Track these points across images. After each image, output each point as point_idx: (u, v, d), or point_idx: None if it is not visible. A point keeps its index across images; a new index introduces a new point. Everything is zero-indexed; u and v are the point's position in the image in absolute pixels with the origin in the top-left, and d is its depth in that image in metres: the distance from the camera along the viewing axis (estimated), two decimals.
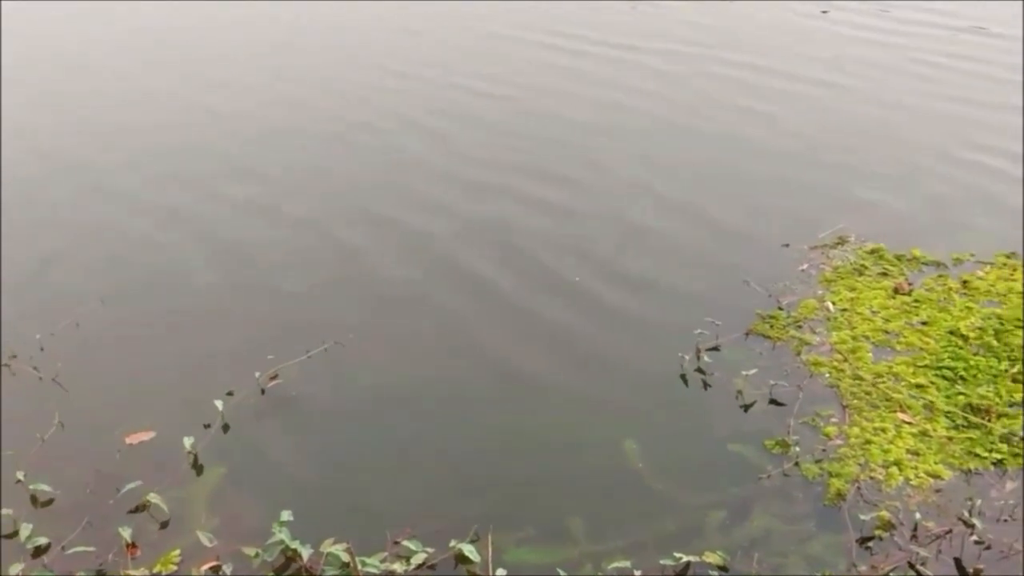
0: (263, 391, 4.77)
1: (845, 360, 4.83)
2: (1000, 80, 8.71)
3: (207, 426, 4.52)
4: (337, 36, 11.14)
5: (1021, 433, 4.25)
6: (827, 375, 4.74)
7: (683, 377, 4.81)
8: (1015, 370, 4.65)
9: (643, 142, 7.72)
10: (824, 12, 11.16)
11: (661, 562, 3.66)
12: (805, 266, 5.72)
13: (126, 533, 3.82)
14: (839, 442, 4.29)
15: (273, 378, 4.83)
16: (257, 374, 4.78)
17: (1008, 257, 5.66)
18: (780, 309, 5.29)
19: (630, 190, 6.86)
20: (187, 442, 4.32)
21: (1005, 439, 4.23)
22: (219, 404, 4.55)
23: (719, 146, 7.60)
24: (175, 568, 3.75)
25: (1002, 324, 5.00)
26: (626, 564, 3.62)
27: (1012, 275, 5.46)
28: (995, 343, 4.86)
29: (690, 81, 9.03)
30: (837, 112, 8.20)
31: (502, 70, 9.57)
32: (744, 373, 4.66)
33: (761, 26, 10.82)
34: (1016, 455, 4.14)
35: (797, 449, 4.23)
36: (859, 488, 4.02)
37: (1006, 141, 7.37)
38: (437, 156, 7.56)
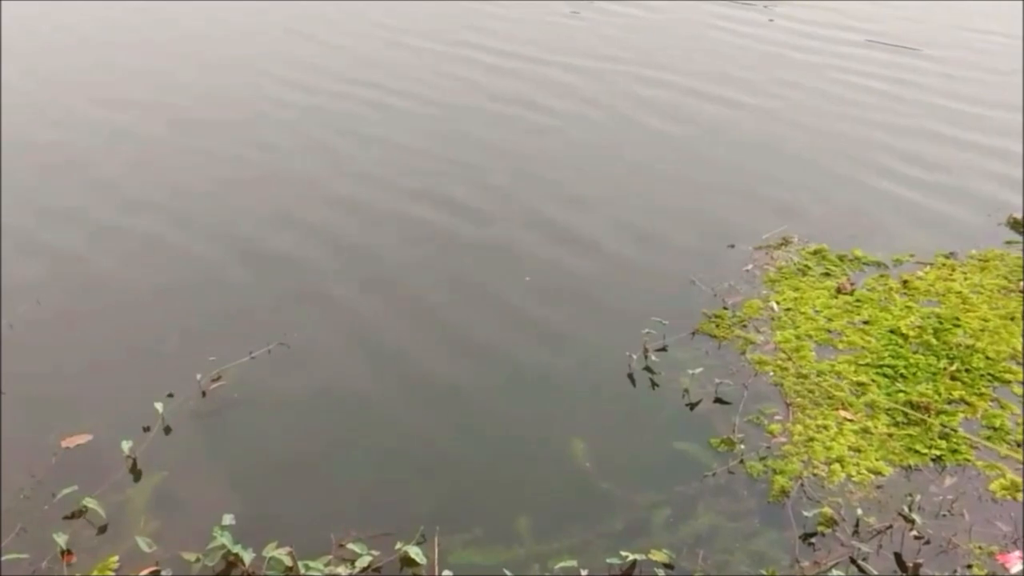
0: (204, 393, 4.68)
1: (789, 359, 4.88)
2: (926, 92, 8.92)
3: (146, 429, 4.42)
4: (228, 42, 10.70)
5: (959, 429, 4.33)
6: (771, 374, 4.79)
7: (631, 376, 4.82)
8: (953, 368, 4.74)
9: (576, 151, 7.65)
10: (770, 20, 11.32)
11: (608, 561, 3.65)
12: (750, 266, 5.78)
13: (61, 539, 3.70)
14: (783, 440, 4.34)
15: (216, 380, 4.74)
16: (198, 376, 4.68)
17: (947, 257, 5.78)
18: (726, 309, 5.34)
19: (570, 196, 6.82)
20: (125, 445, 4.21)
21: (944, 436, 4.31)
22: (159, 406, 4.45)
23: (656, 156, 7.54)
24: (112, 575, 3.66)
25: (941, 323, 5.10)
26: (573, 563, 3.61)
27: (951, 275, 5.57)
28: (934, 341, 4.95)
29: (616, 95, 8.82)
30: (771, 123, 8.21)
31: (409, 81, 9.21)
32: (690, 372, 4.68)
33: (692, 39, 10.74)
34: (954, 451, 4.22)
35: (742, 447, 4.27)
36: (802, 485, 4.06)
37: (938, 151, 7.54)
38: (332, 175, 7.21)
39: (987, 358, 4.81)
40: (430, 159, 7.47)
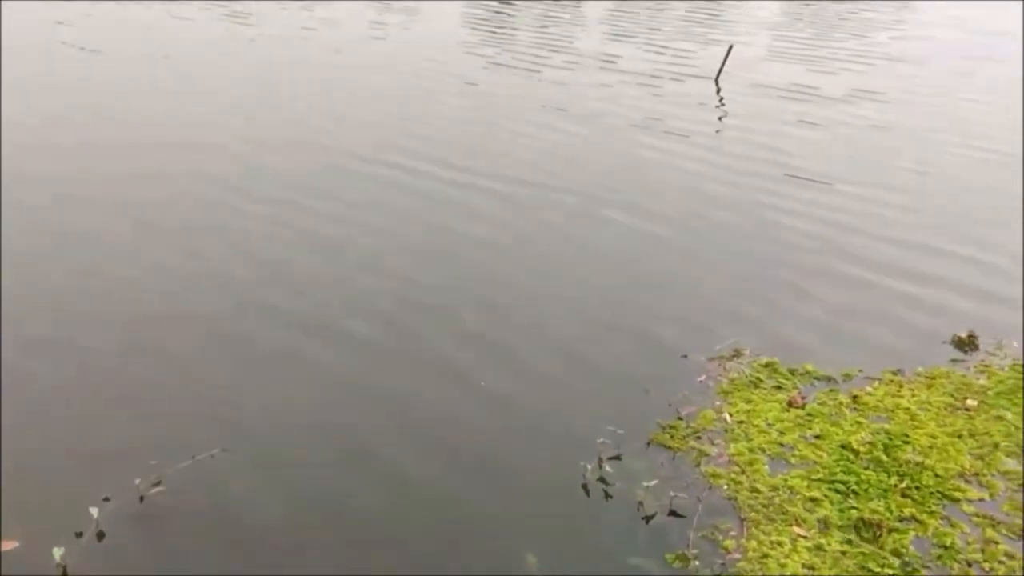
0: (142, 498, 4.49)
1: (743, 472, 4.86)
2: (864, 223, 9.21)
3: (79, 535, 4.22)
4: (137, 149, 10.38)
5: (910, 548, 4.32)
6: (725, 487, 4.76)
7: (585, 487, 4.75)
8: (903, 485, 4.76)
9: (525, 268, 7.65)
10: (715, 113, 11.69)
11: None
12: (703, 377, 5.81)
13: None
14: (737, 556, 4.28)
15: (156, 484, 4.56)
16: (137, 480, 4.51)
17: (894, 374, 5.87)
18: (680, 419, 5.33)
19: (522, 310, 6.83)
20: (56, 552, 4.00)
21: (896, 553, 4.29)
22: (94, 511, 4.26)
23: (606, 272, 7.56)
24: None
25: (890, 439, 5.14)
26: None
27: (899, 391, 5.65)
28: (884, 458, 4.98)
29: (559, 213, 8.81)
30: (715, 243, 8.29)
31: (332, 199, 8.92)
32: (645, 484, 4.64)
33: (613, 155, 10.92)
34: (907, 570, 4.19)
35: (696, 563, 4.20)
36: None
37: (885, 272, 7.75)
38: (221, 296, 6.82)
39: (936, 475, 4.85)
40: (403, 264, 7.48)
